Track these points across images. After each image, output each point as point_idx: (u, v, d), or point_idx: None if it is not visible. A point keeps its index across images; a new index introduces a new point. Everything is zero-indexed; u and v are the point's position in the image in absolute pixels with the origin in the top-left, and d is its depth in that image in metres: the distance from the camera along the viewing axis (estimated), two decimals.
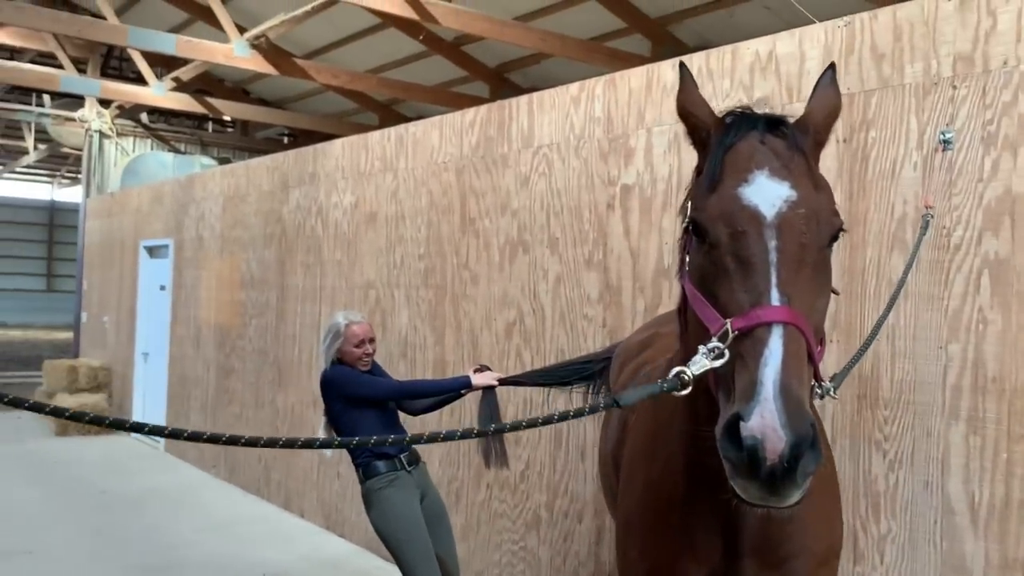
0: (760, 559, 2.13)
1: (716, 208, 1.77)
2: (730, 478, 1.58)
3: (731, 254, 1.72)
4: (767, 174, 1.77)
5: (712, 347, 1.66)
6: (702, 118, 1.95)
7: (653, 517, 2.25)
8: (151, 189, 11.45)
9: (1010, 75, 3.23)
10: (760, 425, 1.49)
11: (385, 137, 6.79)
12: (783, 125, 1.86)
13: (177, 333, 10.28)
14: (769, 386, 1.52)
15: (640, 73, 4.72)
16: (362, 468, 4.12)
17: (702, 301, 1.76)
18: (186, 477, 9.11)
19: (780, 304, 1.63)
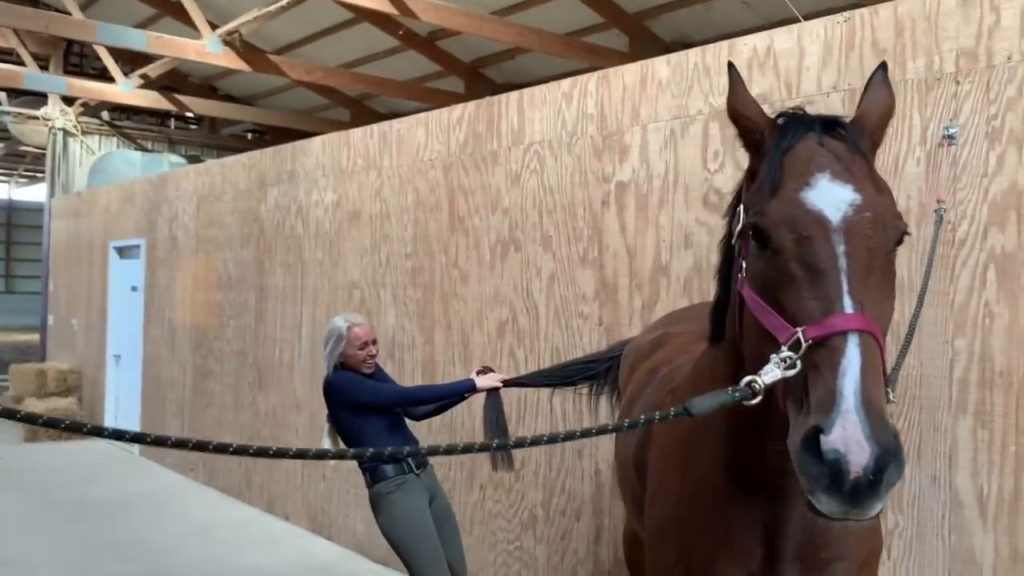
0: (802, 563, 2.10)
1: (778, 213, 1.71)
2: (807, 492, 1.54)
3: (797, 260, 1.67)
4: (829, 177, 1.72)
5: (784, 356, 1.61)
6: (755, 119, 1.90)
7: (690, 523, 2.22)
8: (121, 188, 11.21)
9: (1015, 70, 3.25)
10: (843, 438, 1.44)
11: (368, 134, 6.70)
12: (840, 126, 1.82)
13: (151, 335, 10.08)
14: (850, 397, 1.47)
15: (634, 69, 4.69)
16: (369, 472, 4.06)
17: (766, 309, 1.71)
18: (164, 482, 8.94)
19: (854, 312, 1.58)
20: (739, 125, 1.92)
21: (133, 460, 10.03)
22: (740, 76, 1.97)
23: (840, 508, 1.48)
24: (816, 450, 1.48)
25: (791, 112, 1.89)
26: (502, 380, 4.07)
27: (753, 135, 1.89)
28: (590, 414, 4.17)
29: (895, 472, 1.46)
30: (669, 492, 2.32)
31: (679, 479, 2.28)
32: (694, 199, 4.33)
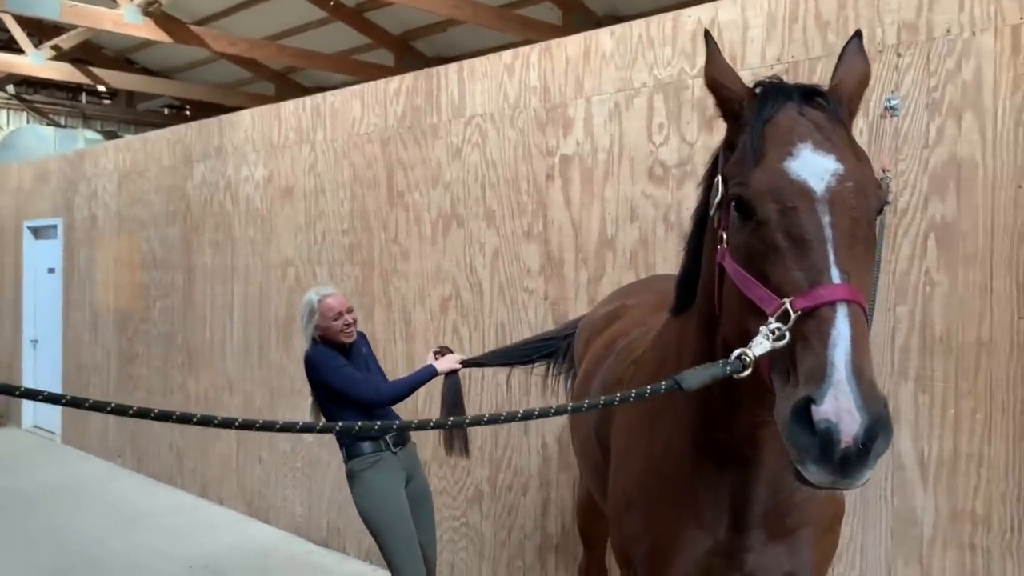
0: (768, 530, 2.13)
1: (762, 183, 1.69)
2: (796, 462, 1.53)
3: (783, 231, 1.65)
4: (811, 147, 1.70)
5: (773, 328, 1.59)
6: (734, 89, 1.87)
7: (656, 490, 2.22)
8: (34, 166, 10.69)
9: (953, 43, 3.32)
10: (835, 408, 1.44)
11: (300, 107, 6.51)
12: (819, 95, 1.81)
13: (71, 318, 9.68)
14: (841, 368, 1.47)
15: (577, 41, 4.65)
16: (346, 448, 3.99)
17: (750, 280, 1.69)
18: (90, 470, 8.62)
19: (841, 282, 1.58)
20: (718, 95, 1.90)
21: (55, 448, 9.65)
22: (717, 45, 1.94)
23: (829, 478, 1.49)
24: (807, 420, 1.48)
25: (769, 81, 1.87)
26: (460, 361, 4.02)
27: (732, 105, 1.87)
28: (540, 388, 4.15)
29: (883, 441, 1.47)
30: (635, 462, 2.32)
31: (645, 448, 2.28)
32: (639, 172, 4.32)
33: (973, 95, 3.27)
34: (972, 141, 3.27)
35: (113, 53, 15.89)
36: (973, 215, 3.27)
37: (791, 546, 2.16)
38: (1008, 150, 3.19)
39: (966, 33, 3.29)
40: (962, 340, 3.29)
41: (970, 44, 3.28)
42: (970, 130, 3.28)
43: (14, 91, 14.40)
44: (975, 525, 3.27)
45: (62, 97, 16.31)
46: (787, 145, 1.71)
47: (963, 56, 3.30)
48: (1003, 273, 3.20)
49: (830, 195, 1.66)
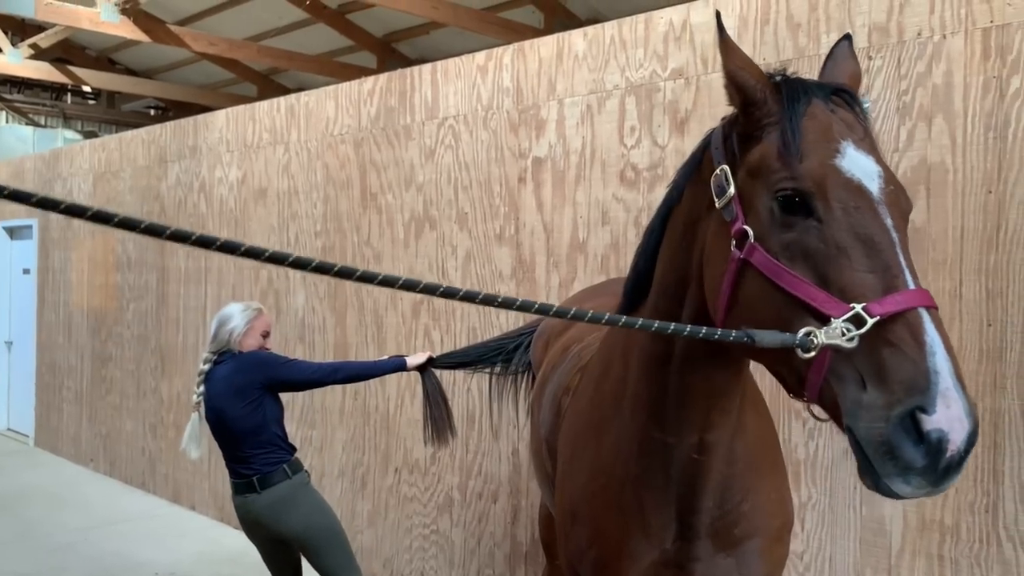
0: (715, 540, 2.07)
1: (820, 178, 1.59)
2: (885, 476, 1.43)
3: (848, 231, 1.55)
4: (853, 146, 1.62)
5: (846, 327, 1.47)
6: (757, 79, 1.75)
7: (602, 500, 2.16)
8: (10, 165, 10.56)
9: (924, 46, 3.27)
10: (947, 417, 1.37)
11: (274, 108, 6.43)
12: (844, 92, 1.73)
13: (45, 319, 9.56)
14: (946, 375, 1.39)
15: (550, 42, 4.59)
16: (287, 465, 3.86)
17: (803, 282, 1.57)
18: (61, 473, 8.50)
19: (916, 287, 1.49)
20: (736, 81, 1.76)
21: (27, 451, 9.51)
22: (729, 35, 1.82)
23: (923, 490, 1.42)
24: (914, 431, 1.39)
25: (785, 74, 1.78)
26: (429, 357, 3.95)
27: (754, 92, 1.74)
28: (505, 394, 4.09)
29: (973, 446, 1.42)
30: (581, 470, 2.25)
31: (592, 455, 2.21)
32: (611, 175, 4.27)
33: (943, 99, 3.23)
34: (942, 145, 3.23)
35: (96, 53, 15.78)
36: (943, 220, 3.22)
37: (740, 557, 2.10)
38: (978, 154, 3.15)
39: (936, 36, 3.24)
40: None
41: (940, 47, 3.24)
42: (940, 134, 3.23)
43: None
44: (943, 535, 3.22)
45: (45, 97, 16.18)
46: (831, 142, 1.62)
47: (934, 59, 3.25)
48: (972, 279, 3.15)
49: (884, 197, 1.59)
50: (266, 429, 3.81)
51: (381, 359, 4.13)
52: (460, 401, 4.96)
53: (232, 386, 3.83)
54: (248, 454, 3.83)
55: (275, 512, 3.83)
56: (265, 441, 3.81)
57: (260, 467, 3.81)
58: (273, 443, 3.84)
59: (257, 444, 3.79)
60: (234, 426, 3.80)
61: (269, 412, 3.86)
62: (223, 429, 3.84)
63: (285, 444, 3.91)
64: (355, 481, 5.69)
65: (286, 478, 3.83)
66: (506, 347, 3.94)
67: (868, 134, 1.68)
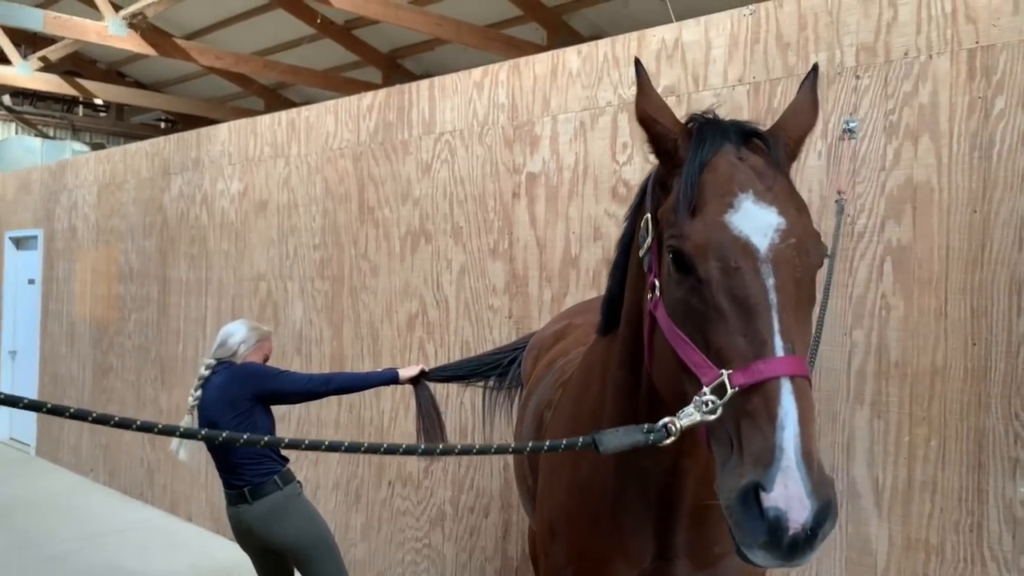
0: (693, 559, 2.07)
1: (702, 237, 1.56)
2: (740, 543, 1.45)
3: (725, 293, 1.53)
4: (753, 199, 1.58)
5: (707, 400, 1.49)
6: (667, 125, 1.73)
7: (581, 518, 2.16)
8: (17, 176, 10.66)
9: (911, 66, 3.29)
10: (784, 496, 1.36)
11: (275, 121, 6.49)
12: (759, 137, 1.70)
13: (49, 329, 9.61)
14: (791, 452, 1.38)
15: (544, 59, 4.63)
16: (278, 476, 3.87)
17: (686, 343, 1.58)
18: (61, 483, 8.53)
19: (785, 354, 1.47)
20: (649, 131, 1.76)
21: (28, 460, 9.55)
22: (647, 75, 1.82)
23: (775, 562, 1.42)
24: (755, 506, 1.39)
25: (704, 117, 1.75)
26: (422, 370, 3.97)
27: (665, 143, 1.74)
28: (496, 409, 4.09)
29: (830, 525, 1.40)
30: (560, 486, 2.26)
31: (570, 472, 2.22)
32: (603, 191, 4.29)
33: (929, 118, 3.24)
34: (928, 165, 3.24)
35: (106, 66, 15.93)
36: (928, 239, 3.23)
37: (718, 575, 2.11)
38: (963, 174, 3.16)
39: (923, 56, 3.26)
40: (917, 366, 3.24)
41: (927, 67, 3.26)
42: (926, 153, 3.25)
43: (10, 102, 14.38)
44: (928, 555, 3.21)
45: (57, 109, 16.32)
46: (727, 195, 1.58)
47: (920, 79, 3.27)
48: (957, 299, 3.16)
49: (774, 254, 1.54)
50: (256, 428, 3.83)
51: (374, 371, 4.16)
52: (453, 415, 4.97)
53: (224, 396, 3.86)
54: (239, 464, 3.85)
55: (266, 522, 3.84)
56: (256, 452, 3.82)
57: (251, 478, 3.83)
58: (264, 454, 3.86)
59: (247, 455, 3.81)
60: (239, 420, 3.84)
61: (260, 424, 3.88)
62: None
63: (277, 456, 3.93)
64: (349, 494, 5.69)
65: (277, 489, 3.85)
66: (500, 361, 3.94)
67: (778, 181, 1.63)
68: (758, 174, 1.62)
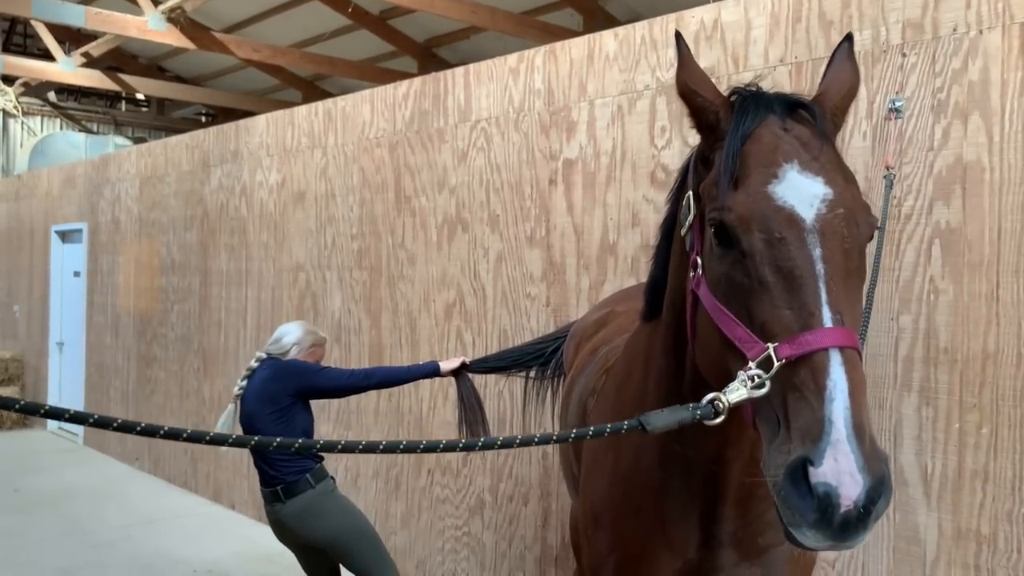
0: (739, 549, 2.03)
1: (745, 208, 1.51)
2: (788, 524, 1.39)
3: (769, 265, 1.47)
4: (798, 168, 1.52)
5: (753, 375, 1.44)
6: (709, 98, 1.69)
7: (624, 507, 2.12)
8: (62, 171, 10.85)
9: (960, 42, 3.19)
10: (835, 470, 1.30)
11: (312, 112, 6.51)
12: (804, 108, 1.64)
13: (94, 321, 9.79)
14: (840, 425, 1.32)
15: (581, 43, 4.58)
16: (311, 474, 3.89)
17: (729, 318, 1.53)
18: (108, 471, 8.70)
19: (834, 325, 1.41)
20: (691, 104, 1.71)
21: (77, 450, 9.75)
22: (689, 49, 1.78)
23: (826, 542, 1.35)
24: (804, 482, 1.34)
25: (747, 90, 1.69)
26: (463, 362, 3.97)
27: (707, 115, 1.69)
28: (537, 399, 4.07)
29: (885, 502, 1.34)
30: (603, 473, 2.22)
31: (612, 463, 2.19)
32: (641, 176, 4.23)
33: (980, 96, 3.14)
34: (979, 143, 3.14)
35: (146, 61, 16.15)
36: (979, 220, 3.13)
37: (764, 567, 2.06)
38: (1016, 152, 3.05)
39: (972, 32, 3.16)
40: (967, 351, 3.15)
41: (977, 43, 3.15)
42: (976, 132, 3.14)
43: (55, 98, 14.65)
44: (980, 545, 3.12)
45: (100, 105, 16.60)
46: (772, 166, 1.53)
47: (970, 55, 3.16)
48: (1010, 281, 3.06)
49: (820, 224, 1.48)
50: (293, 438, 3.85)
51: (415, 364, 4.15)
52: (492, 404, 4.95)
53: (266, 391, 3.90)
54: (273, 461, 3.89)
55: (303, 520, 3.88)
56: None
57: (284, 476, 3.86)
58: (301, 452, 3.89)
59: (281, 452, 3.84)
60: (263, 430, 3.85)
61: (299, 421, 3.91)
62: (253, 431, 3.89)
63: (311, 454, 3.95)
64: (389, 482, 5.72)
65: (310, 487, 3.88)
66: (543, 351, 3.92)
67: (825, 151, 1.58)
68: (803, 144, 1.58)
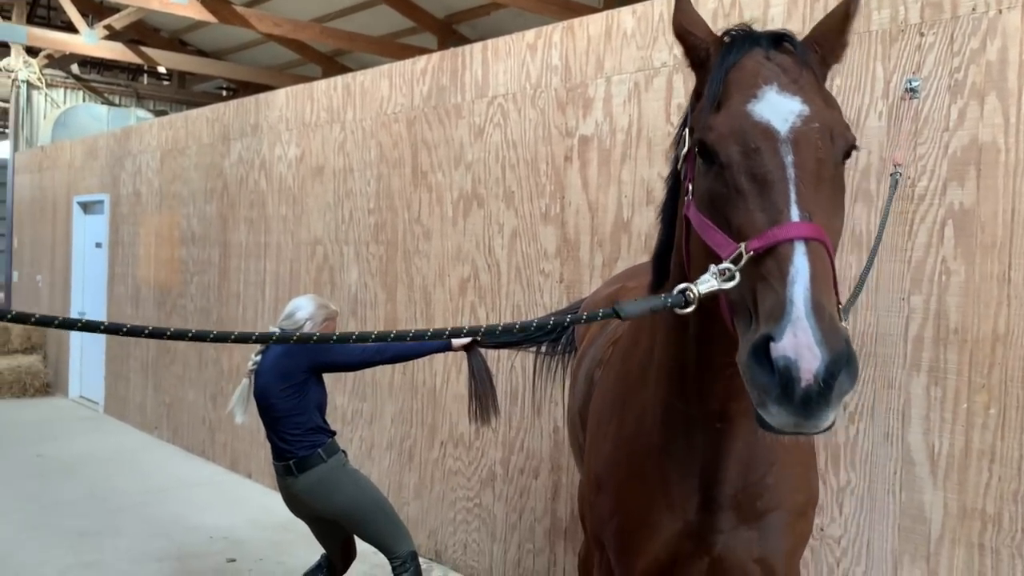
0: (738, 512, 2.07)
1: (725, 126, 1.64)
2: (757, 405, 1.46)
3: (745, 173, 1.59)
4: (776, 89, 1.65)
5: (723, 268, 1.54)
6: (701, 36, 1.82)
7: (626, 470, 2.17)
8: (84, 143, 10.96)
9: (979, 21, 3.17)
10: (793, 344, 1.37)
11: (331, 87, 6.54)
12: (788, 40, 1.75)
13: (115, 292, 9.92)
14: (800, 303, 1.40)
15: (598, 20, 4.58)
16: (322, 449, 3.98)
17: (711, 227, 1.63)
18: (126, 440, 8.85)
19: (801, 220, 1.51)
20: (685, 43, 1.85)
21: (96, 418, 9.92)
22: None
23: (791, 419, 1.40)
24: (766, 358, 1.40)
25: (737, 29, 1.81)
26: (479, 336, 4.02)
27: (699, 53, 1.82)
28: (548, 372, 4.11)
29: (847, 379, 1.38)
30: (606, 439, 2.27)
31: (617, 425, 2.23)
32: (656, 154, 4.24)
33: (997, 76, 3.13)
34: (995, 124, 3.13)
35: (168, 34, 16.19)
36: (993, 202, 3.13)
37: (762, 530, 2.10)
38: None
39: (992, 11, 3.14)
40: (977, 332, 3.16)
41: (996, 22, 3.13)
42: (993, 113, 3.13)
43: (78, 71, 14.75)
44: (984, 524, 3.15)
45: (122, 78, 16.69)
46: (752, 88, 1.66)
47: (988, 35, 3.15)
48: (1022, 263, 3.06)
49: (794, 135, 1.59)
50: (306, 413, 3.94)
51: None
52: (503, 378, 5.00)
53: (279, 367, 3.98)
54: (286, 435, 3.97)
55: (315, 494, 3.97)
56: (303, 423, 3.93)
57: (296, 450, 3.95)
58: (310, 427, 3.96)
59: (295, 426, 3.94)
60: (276, 405, 3.95)
61: (312, 397, 3.99)
62: (267, 406, 3.98)
63: (324, 428, 4.03)
64: (403, 454, 5.79)
65: (321, 461, 3.97)
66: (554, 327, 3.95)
67: (805, 76, 1.69)
68: (784, 70, 1.70)
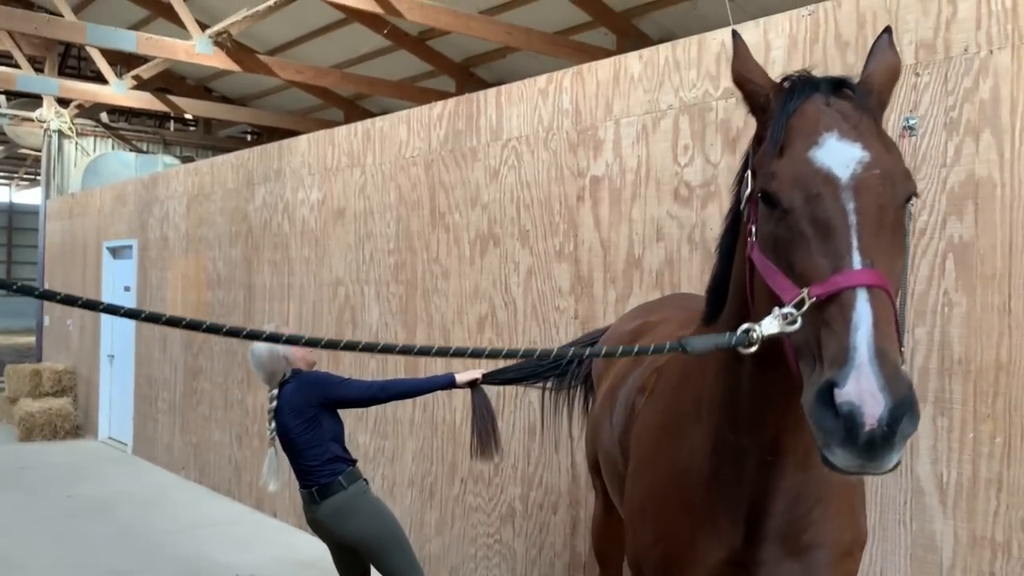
0: (783, 545, 2.08)
1: (787, 172, 1.69)
2: (822, 447, 1.52)
3: (807, 219, 1.64)
4: (837, 136, 1.69)
5: (786, 312, 1.60)
6: (760, 83, 1.88)
7: (672, 500, 2.21)
8: (113, 189, 11.27)
9: (971, 61, 3.28)
10: (857, 390, 1.43)
11: (352, 132, 6.74)
12: (847, 86, 1.81)
13: (143, 334, 10.13)
14: (863, 350, 1.46)
15: (607, 65, 4.73)
16: (343, 476, 4.09)
17: (775, 270, 1.69)
18: (155, 480, 8.99)
19: (863, 267, 1.56)
20: (744, 89, 1.90)
21: (125, 459, 10.08)
22: (744, 42, 1.96)
23: (855, 462, 1.46)
24: (830, 403, 1.46)
25: (796, 75, 1.87)
26: (481, 375, 4.12)
27: (758, 99, 1.88)
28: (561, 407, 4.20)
29: (910, 423, 1.44)
30: (653, 468, 2.31)
31: (665, 456, 2.26)
32: (665, 193, 4.36)
33: (991, 113, 3.23)
34: (990, 160, 3.22)
35: (194, 82, 16.65)
36: (991, 234, 3.21)
37: (806, 564, 2.10)
38: None
39: (983, 52, 3.25)
40: (981, 362, 3.23)
41: (987, 62, 3.24)
42: (988, 149, 3.23)
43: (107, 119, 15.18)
44: (995, 552, 3.18)
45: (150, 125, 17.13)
46: (813, 134, 1.71)
47: (980, 74, 3.26)
48: (1022, 293, 3.13)
49: (855, 182, 1.64)
50: (323, 444, 4.07)
51: (433, 376, 4.33)
52: (522, 414, 5.10)
53: (292, 405, 4.14)
54: (307, 465, 4.11)
55: (336, 520, 4.08)
56: (320, 455, 4.06)
57: (318, 478, 4.07)
58: (328, 457, 4.08)
59: (313, 457, 4.07)
60: (295, 439, 4.10)
61: (327, 427, 4.12)
62: (287, 441, 4.13)
63: (344, 457, 4.15)
64: (424, 491, 5.88)
65: (342, 489, 4.08)
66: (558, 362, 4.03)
67: (864, 122, 1.73)
68: (844, 116, 1.74)
